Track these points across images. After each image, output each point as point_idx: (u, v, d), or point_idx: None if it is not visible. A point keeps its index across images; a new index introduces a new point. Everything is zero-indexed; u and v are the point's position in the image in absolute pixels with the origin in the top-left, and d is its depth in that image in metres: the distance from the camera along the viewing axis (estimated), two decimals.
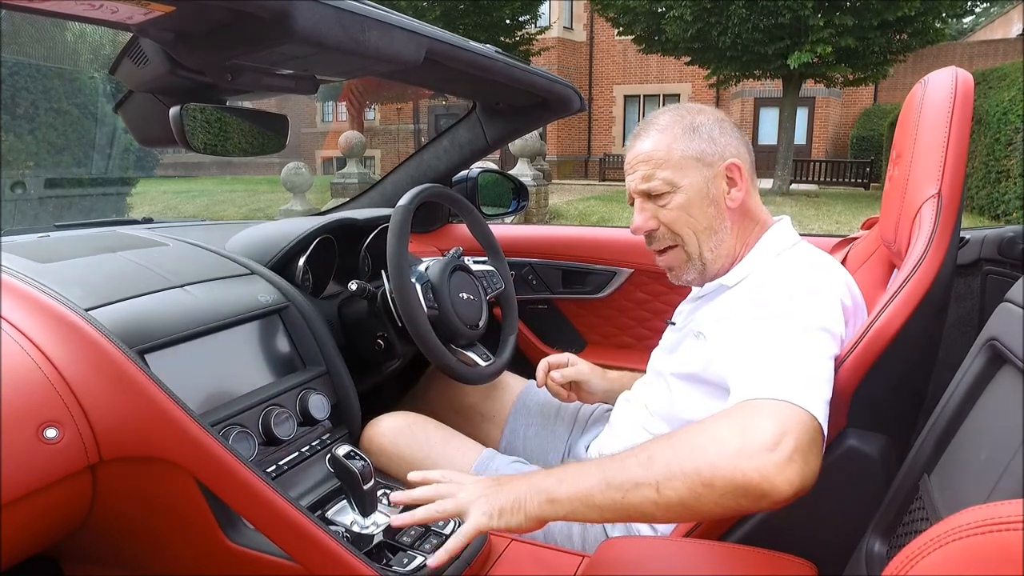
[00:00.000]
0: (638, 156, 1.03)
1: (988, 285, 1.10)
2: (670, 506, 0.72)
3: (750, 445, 0.69)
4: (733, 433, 0.71)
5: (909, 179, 0.91)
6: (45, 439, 0.76)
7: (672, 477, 0.71)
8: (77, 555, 0.98)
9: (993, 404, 0.65)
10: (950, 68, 0.91)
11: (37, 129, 5.70)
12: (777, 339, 0.83)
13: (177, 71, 0.80)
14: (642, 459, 0.74)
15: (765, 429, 0.71)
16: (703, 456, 0.71)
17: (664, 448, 0.74)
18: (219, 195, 13.05)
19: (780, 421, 0.71)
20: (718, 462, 0.69)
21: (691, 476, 0.70)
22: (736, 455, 0.69)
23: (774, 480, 0.68)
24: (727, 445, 0.70)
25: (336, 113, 22.27)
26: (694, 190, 1.00)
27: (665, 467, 0.72)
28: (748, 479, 0.68)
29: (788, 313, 0.86)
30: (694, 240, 1.02)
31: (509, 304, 1.42)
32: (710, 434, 0.73)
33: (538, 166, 9.37)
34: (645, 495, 0.72)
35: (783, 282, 0.92)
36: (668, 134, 1.01)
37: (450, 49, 1.02)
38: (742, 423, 0.72)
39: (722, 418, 0.75)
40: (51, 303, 0.86)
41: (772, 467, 0.68)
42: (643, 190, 1.02)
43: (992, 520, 0.43)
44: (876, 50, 11.16)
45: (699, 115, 1.03)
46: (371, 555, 0.89)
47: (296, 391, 1.06)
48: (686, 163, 1.00)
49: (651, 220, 1.03)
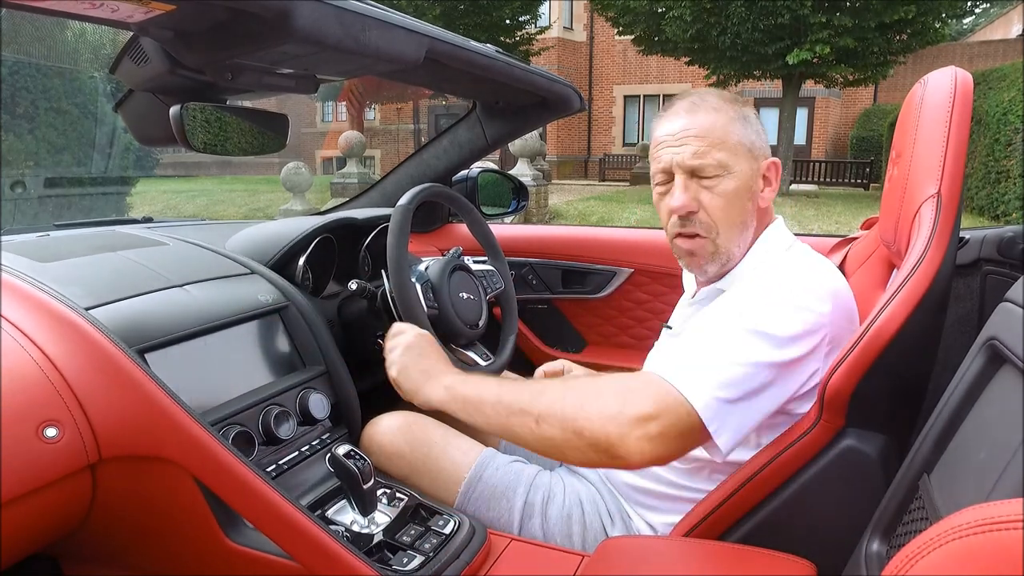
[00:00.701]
0: (690, 130, 0.96)
1: (987, 285, 1.10)
2: (542, 440, 0.84)
3: (623, 414, 0.79)
4: (616, 399, 0.81)
5: (909, 179, 0.91)
6: (45, 438, 0.76)
7: (552, 416, 0.82)
8: (77, 554, 0.98)
9: (993, 404, 0.65)
10: (949, 68, 0.91)
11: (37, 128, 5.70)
12: (709, 333, 0.87)
13: (177, 70, 0.80)
14: (535, 390, 0.86)
15: (642, 405, 0.80)
16: (583, 408, 0.81)
17: (557, 388, 0.85)
18: (219, 195, 13.05)
19: (658, 403, 0.80)
20: (593, 418, 0.80)
21: (567, 421, 0.81)
22: (609, 419, 0.79)
23: (629, 450, 0.78)
24: (606, 408, 0.80)
25: (336, 113, 22.27)
26: (743, 179, 0.96)
27: (549, 405, 0.83)
28: (609, 441, 0.78)
29: (736, 312, 0.87)
30: (727, 234, 0.98)
31: (509, 304, 1.42)
32: (598, 392, 0.83)
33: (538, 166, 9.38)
34: (525, 422, 0.84)
35: (753, 286, 0.92)
36: (723, 115, 0.96)
37: (450, 49, 1.02)
38: (628, 392, 0.82)
39: (616, 381, 0.85)
40: (51, 302, 0.86)
41: (632, 439, 0.78)
42: (693, 166, 0.95)
43: (991, 519, 0.43)
44: (876, 50, 11.17)
45: (744, 106, 0.99)
46: (371, 554, 0.89)
47: (296, 390, 1.06)
48: (740, 150, 0.96)
49: (694, 201, 0.97)
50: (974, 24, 24.40)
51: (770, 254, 0.99)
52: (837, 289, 0.92)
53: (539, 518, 1.07)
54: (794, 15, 10.41)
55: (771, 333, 0.84)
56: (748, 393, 0.83)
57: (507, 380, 0.92)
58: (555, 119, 1.52)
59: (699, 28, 11.31)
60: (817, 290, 0.89)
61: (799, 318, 0.86)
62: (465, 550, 0.92)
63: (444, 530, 0.95)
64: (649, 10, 11.91)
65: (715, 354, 0.84)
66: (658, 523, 1.03)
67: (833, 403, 0.84)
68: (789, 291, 0.88)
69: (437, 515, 0.99)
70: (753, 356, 0.83)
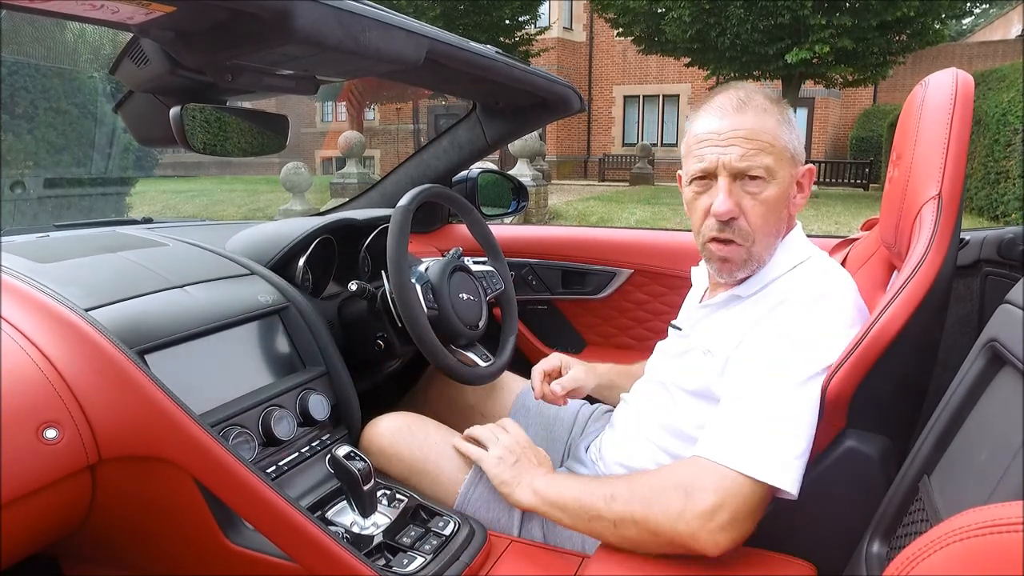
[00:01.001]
0: (739, 131, 0.91)
1: (988, 286, 1.10)
2: (623, 540, 0.87)
3: (689, 511, 0.81)
4: (679, 496, 0.82)
5: (909, 180, 0.91)
6: (45, 439, 0.76)
7: (625, 521, 0.85)
8: (77, 555, 0.98)
9: (993, 405, 0.65)
10: (950, 70, 0.91)
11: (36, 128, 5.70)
12: (761, 397, 0.86)
13: (177, 71, 0.80)
14: (607, 496, 0.87)
15: (705, 499, 0.81)
16: (651, 511, 0.83)
17: (624, 493, 0.87)
18: (218, 195, 13.05)
19: (720, 493, 0.81)
20: (662, 521, 0.82)
21: (640, 525, 0.83)
22: (677, 518, 0.81)
23: (704, 545, 0.80)
24: (671, 507, 0.82)
25: (336, 113, 22.27)
26: (784, 186, 0.93)
27: (621, 511, 0.85)
28: (683, 540, 0.81)
29: (786, 364, 0.86)
30: (763, 242, 0.95)
31: (509, 305, 1.42)
32: (661, 491, 0.84)
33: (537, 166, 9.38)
34: (604, 527, 0.87)
35: (794, 319, 0.89)
36: (771, 117, 0.93)
37: (450, 50, 1.02)
38: (689, 487, 0.82)
39: (675, 474, 0.86)
40: (51, 303, 0.86)
41: (705, 534, 0.80)
42: (741, 168, 0.91)
43: (993, 522, 0.43)
44: (875, 51, 11.17)
45: (787, 108, 0.96)
46: (371, 556, 0.89)
47: (296, 391, 1.06)
48: (785, 155, 0.93)
49: (737, 207, 0.93)
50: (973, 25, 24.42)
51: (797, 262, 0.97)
52: (861, 307, 0.93)
53: (540, 518, 1.07)
54: (794, 15, 10.41)
55: (822, 369, 0.85)
56: (805, 438, 0.84)
57: (585, 482, 0.93)
58: (555, 120, 1.52)
59: (698, 28, 11.31)
60: (851, 301, 0.91)
61: (843, 338, 0.87)
62: (465, 551, 0.92)
63: (444, 531, 0.95)
64: (648, 10, 11.92)
65: (768, 421, 0.84)
66: None
67: (834, 404, 0.84)
68: (833, 318, 0.88)
69: (437, 516, 0.99)
70: (809, 404, 0.85)
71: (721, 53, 11.59)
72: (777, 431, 0.83)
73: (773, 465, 0.82)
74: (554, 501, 0.93)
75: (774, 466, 0.82)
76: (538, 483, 0.96)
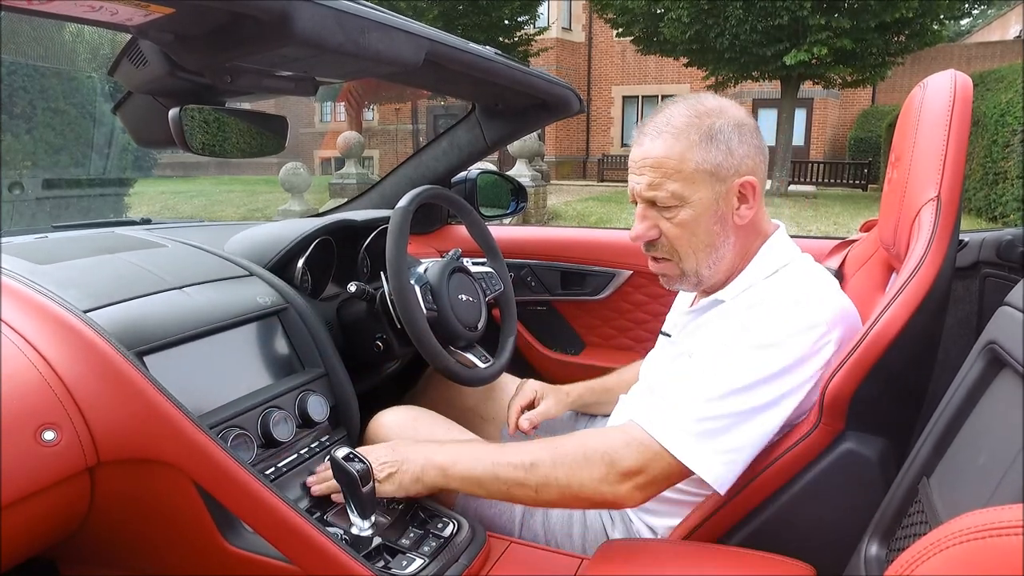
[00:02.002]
0: (647, 160, 0.95)
1: (986, 288, 1.11)
2: (545, 503, 0.94)
3: (612, 474, 0.86)
4: (604, 462, 0.87)
5: (908, 182, 0.91)
6: (43, 441, 0.76)
7: (548, 486, 0.89)
8: (75, 557, 0.98)
9: (993, 408, 0.65)
10: (949, 71, 0.92)
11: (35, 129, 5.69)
12: (705, 382, 0.88)
13: (176, 72, 0.80)
14: (526, 462, 0.90)
15: (627, 462, 0.86)
16: (575, 476, 0.87)
17: (547, 458, 0.89)
18: (217, 195, 13.04)
19: (644, 459, 0.86)
20: (586, 483, 0.87)
21: (564, 489, 0.88)
22: (600, 481, 0.87)
23: (624, 501, 0.88)
24: (595, 472, 0.87)
25: (335, 113, 22.26)
26: (703, 207, 0.94)
27: (543, 477, 0.89)
28: (605, 499, 0.88)
29: (742, 362, 0.87)
30: (692, 259, 0.97)
31: (508, 306, 1.42)
32: (586, 457, 0.88)
33: (536, 167, 9.38)
34: (525, 493, 0.91)
35: (758, 321, 0.89)
36: (683, 140, 0.93)
37: (450, 51, 1.02)
38: (613, 450, 0.87)
39: (602, 441, 0.89)
40: (49, 304, 0.86)
41: (624, 492, 0.87)
42: (648, 198, 0.96)
43: (993, 525, 0.43)
44: (874, 51, 11.19)
45: (719, 118, 0.94)
46: (370, 558, 0.89)
47: (295, 393, 1.06)
48: (698, 177, 0.93)
49: (652, 229, 0.98)
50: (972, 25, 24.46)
51: (779, 267, 0.97)
52: (842, 309, 0.91)
53: (540, 517, 1.07)
54: (792, 16, 10.42)
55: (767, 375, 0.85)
56: (746, 437, 0.85)
57: (491, 450, 0.95)
58: (554, 121, 1.52)
59: (697, 29, 11.32)
60: (826, 309, 0.89)
61: (805, 347, 0.86)
62: (464, 552, 0.92)
63: (443, 533, 0.95)
64: (647, 11, 11.92)
65: (703, 405, 0.86)
66: (659, 526, 1.03)
67: (833, 406, 0.84)
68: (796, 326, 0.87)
69: (436, 517, 0.99)
70: (754, 404, 0.85)
71: (720, 54, 11.60)
72: (716, 420, 0.85)
73: (701, 453, 0.85)
74: (466, 476, 0.93)
75: (702, 454, 0.85)
76: (438, 458, 0.95)
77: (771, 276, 0.97)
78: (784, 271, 0.97)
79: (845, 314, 0.91)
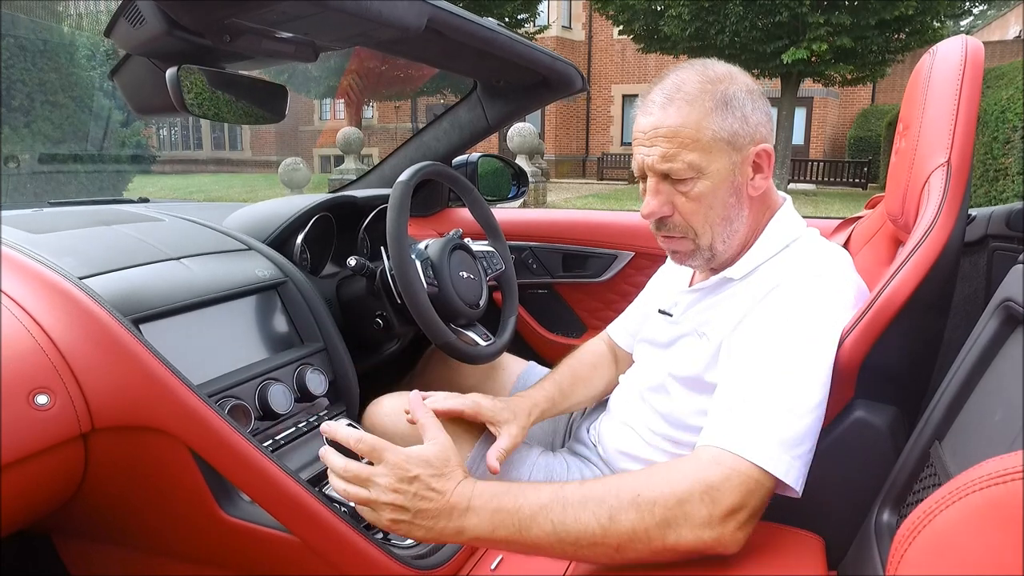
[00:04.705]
0: (659, 129, 0.88)
1: (995, 262, 1.09)
2: (628, 560, 0.74)
3: (715, 516, 0.72)
4: (703, 501, 0.73)
5: (917, 149, 0.90)
6: (36, 405, 0.74)
7: (637, 542, 0.72)
8: (69, 529, 0.96)
9: (1008, 365, 0.63)
10: (959, 36, 0.90)
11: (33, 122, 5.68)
12: (769, 384, 0.80)
13: (174, 32, 0.79)
14: (602, 517, 0.72)
15: (730, 500, 0.73)
16: (672, 527, 0.72)
17: (630, 507, 0.73)
18: (216, 191, 13.03)
19: (743, 492, 0.74)
20: (685, 534, 0.72)
21: (657, 542, 0.72)
22: (702, 527, 0.72)
23: (728, 547, 0.74)
24: (695, 516, 0.72)
25: (334, 110, 22.24)
26: (719, 178, 0.88)
27: (630, 532, 0.72)
28: (708, 547, 0.73)
29: (790, 351, 0.82)
30: (708, 234, 0.92)
31: (509, 286, 1.41)
32: (678, 499, 0.73)
33: (536, 164, 9.36)
34: (604, 553, 0.73)
35: (793, 303, 0.85)
36: (698, 107, 0.87)
37: (452, 18, 1.00)
38: (713, 487, 0.73)
39: (691, 472, 0.75)
40: (43, 271, 0.84)
41: (729, 536, 0.73)
42: (662, 170, 0.89)
43: (1015, 469, 0.41)
44: (874, 49, 11.19)
45: (731, 83, 0.89)
46: (369, 529, 0.88)
47: (293, 366, 1.05)
48: (715, 146, 0.87)
49: (666, 205, 0.91)
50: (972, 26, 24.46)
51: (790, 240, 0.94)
52: (858, 283, 0.90)
53: None
54: (792, 13, 10.42)
55: (826, 357, 0.82)
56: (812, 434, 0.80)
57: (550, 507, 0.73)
58: (556, 99, 1.50)
59: (697, 26, 11.32)
60: (849, 280, 0.88)
61: (844, 319, 0.84)
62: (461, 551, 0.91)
63: None
64: (648, 8, 11.93)
65: (779, 410, 0.79)
66: None
67: (842, 374, 0.83)
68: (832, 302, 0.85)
69: None
70: (817, 390, 0.80)
71: (720, 51, 11.58)
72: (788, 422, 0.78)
73: (789, 465, 0.77)
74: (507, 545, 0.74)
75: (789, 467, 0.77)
76: (473, 530, 0.73)
77: (781, 252, 0.94)
78: (795, 246, 0.94)
79: (860, 288, 0.90)
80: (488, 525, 0.73)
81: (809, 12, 10.36)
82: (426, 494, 0.74)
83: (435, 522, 0.73)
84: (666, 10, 11.59)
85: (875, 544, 0.72)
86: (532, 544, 0.73)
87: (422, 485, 0.74)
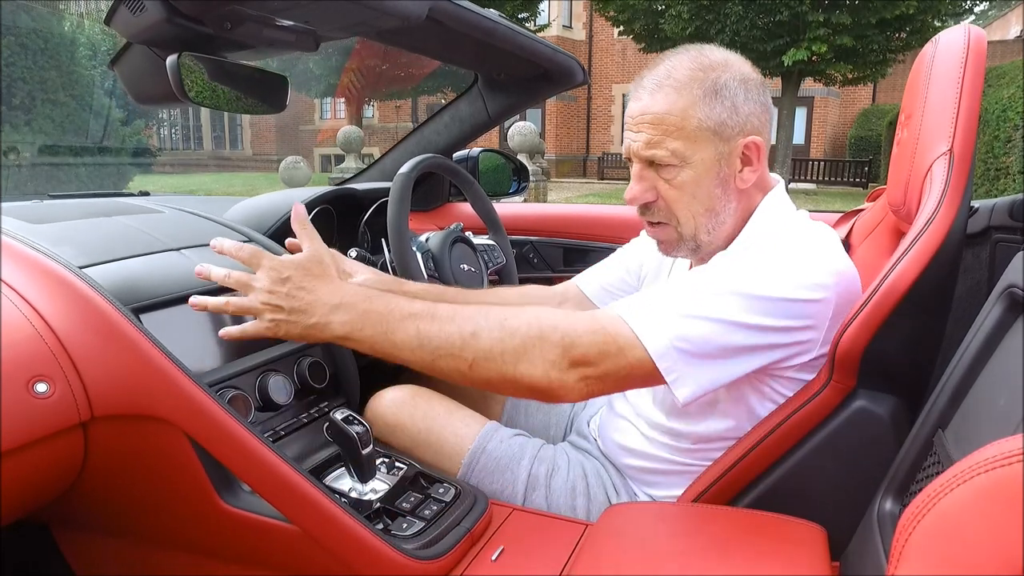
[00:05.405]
0: (645, 115, 0.89)
1: (997, 254, 1.09)
2: (472, 382, 0.77)
3: (564, 360, 0.75)
4: (561, 343, 0.75)
5: (919, 138, 0.89)
6: (35, 394, 0.74)
7: (488, 363, 0.75)
8: (68, 520, 0.96)
9: (1012, 352, 0.63)
10: (962, 25, 0.90)
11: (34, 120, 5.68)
12: (690, 293, 0.81)
13: (174, 19, 0.78)
14: (466, 332, 0.76)
15: (581, 350, 0.75)
16: (525, 356, 0.75)
17: (494, 329, 0.76)
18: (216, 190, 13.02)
19: (599, 348, 0.76)
20: (535, 364, 0.75)
21: (507, 367, 0.75)
22: (551, 365, 0.75)
23: (567, 394, 0.76)
24: (548, 354, 0.75)
25: (335, 109, 22.25)
26: (704, 167, 0.88)
27: (485, 351, 0.75)
28: (549, 387, 0.75)
29: (720, 272, 0.83)
30: (691, 223, 0.92)
31: (511, 279, 1.41)
32: (542, 337, 0.75)
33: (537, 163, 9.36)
34: (455, 366, 0.76)
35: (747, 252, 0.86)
36: (686, 94, 0.87)
37: (454, 8, 1.00)
38: (571, 334, 0.76)
39: (562, 318, 0.78)
40: (42, 259, 0.84)
41: (571, 384, 0.75)
42: (646, 157, 0.90)
43: (1018, 451, 0.41)
44: (874, 49, 11.19)
45: (724, 71, 0.88)
46: (370, 520, 0.87)
47: (294, 357, 1.04)
48: (701, 135, 0.87)
49: (649, 192, 0.92)
50: None
51: (777, 226, 0.93)
52: (839, 269, 0.86)
53: (543, 490, 1.05)
54: (792, 12, 10.42)
55: (750, 294, 0.79)
56: (714, 352, 0.79)
57: (420, 314, 0.78)
58: (557, 92, 1.50)
59: (697, 25, 11.32)
60: (813, 267, 0.84)
61: (786, 285, 0.81)
62: (466, 517, 0.90)
63: (444, 497, 0.93)
64: (648, 7, 11.93)
65: (687, 305, 0.80)
66: (662, 497, 1.01)
67: (844, 363, 0.82)
68: (782, 260, 0.83)
69: (437, 483, 0.97)
70: (725, 314, 0.79)
71: None
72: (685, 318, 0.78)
73: (667, 349, 0.77)
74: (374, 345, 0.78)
75: (668, 351, 0.77)
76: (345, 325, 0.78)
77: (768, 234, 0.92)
78: (784, 224, 0.93)
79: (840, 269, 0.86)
80: (357, 323, 0.78)
81: (809, 11, 10.35)
82: (296, 293, 0.79)
83: (307, 317, 0.79)
84: (666, 10, 11.59)
85: (878, 534, 0.72)
86: (393, 346, 0.78)
87: (293, 285, 0.80)
